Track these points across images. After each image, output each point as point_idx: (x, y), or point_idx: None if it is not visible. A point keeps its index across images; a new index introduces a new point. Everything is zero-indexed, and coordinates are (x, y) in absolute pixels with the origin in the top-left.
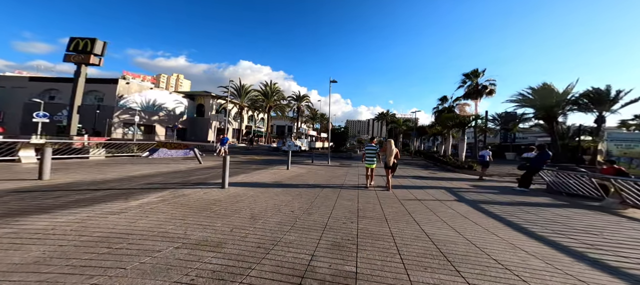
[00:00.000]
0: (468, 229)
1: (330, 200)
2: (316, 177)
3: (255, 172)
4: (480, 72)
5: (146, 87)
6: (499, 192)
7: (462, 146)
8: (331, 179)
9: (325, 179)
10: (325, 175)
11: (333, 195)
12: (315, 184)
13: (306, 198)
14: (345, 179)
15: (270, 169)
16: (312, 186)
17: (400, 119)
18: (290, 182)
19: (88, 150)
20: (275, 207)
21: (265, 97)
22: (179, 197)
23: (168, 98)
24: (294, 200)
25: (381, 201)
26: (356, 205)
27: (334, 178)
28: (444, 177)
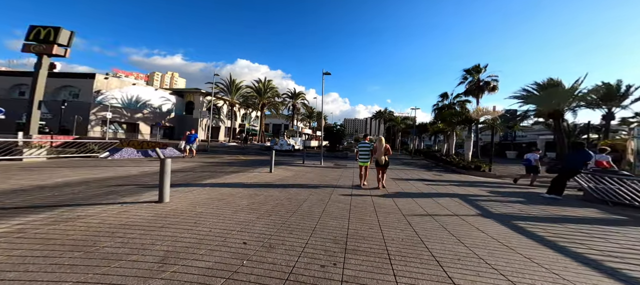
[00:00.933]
0: (522, 271)
1: (311, 219)
2: (302, 182)
3: (229, 175)
4: (482, 68)
5: (128, 82)
6: (526, 200)
7: (468, 145)
8: (320, 185)
9: (313, 184)
10: (315, 179)
11: (318, 209)
12: (297, 192)
13: (278, 215)
14: (337, 184)
15: (250, 171)
16: (293, 195)
17: (398, 117)
18: (266, 191)
19: (22, 151)
20: (222, 235)
21: (258, 94)
22: (60, 223)
23: (153, 95)
24: (259, 221)
25: (380, 219)
26: (346, 226)
27: (324, 183)
28: (452, 180)
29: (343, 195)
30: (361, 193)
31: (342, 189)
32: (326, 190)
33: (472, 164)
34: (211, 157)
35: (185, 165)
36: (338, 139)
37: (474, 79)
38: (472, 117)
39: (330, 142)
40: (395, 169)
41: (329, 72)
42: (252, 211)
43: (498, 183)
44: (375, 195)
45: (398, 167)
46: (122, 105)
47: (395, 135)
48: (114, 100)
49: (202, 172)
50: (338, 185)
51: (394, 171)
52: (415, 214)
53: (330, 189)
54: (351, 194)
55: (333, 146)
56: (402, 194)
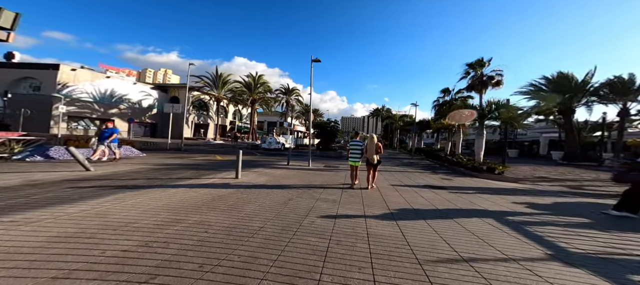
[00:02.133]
0: None
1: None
2: (273, 194)
3: (179, 181)
4: (486, 62)
5: (100, 75)
6: (595, 222)
7: (479, 143)
8: (299, 195)
9: (287, 196)
10: (294, 188)
11: (271, 253)
12: (255, 212)
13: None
14: (321, 196)
15: (210, 176)
16: (244, 220)
17: (396, 115)
18: (200, 214)
19: None
20: None
21: (247, 89)
22: None
23: (132, 89)
24: None
25: (379, 277)
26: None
27: (306, 192)
28: (467, 186)
29: (324, 217)
30: (351, 212)
31: (325, 204)
32: (302, 206)
33: (484, 165)
34: (174, 157)
35: (117, 170)
36: (332, 136)
37: (476, 73)
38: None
39: (324, 140)
40: (394, 171)
41: (318, 59)
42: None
43: (524, 189)
44: (370, 216)
45: (398, 169)
46: (93, 100)
47: (393, 133)
48: (84, 94)
49: (138, 180)
50: (322, 198)
51: (394, 174)
52: (440, 260)
53: (309, 204)
54: (336, 214)
55: (327, 144)
56: (407, 211)
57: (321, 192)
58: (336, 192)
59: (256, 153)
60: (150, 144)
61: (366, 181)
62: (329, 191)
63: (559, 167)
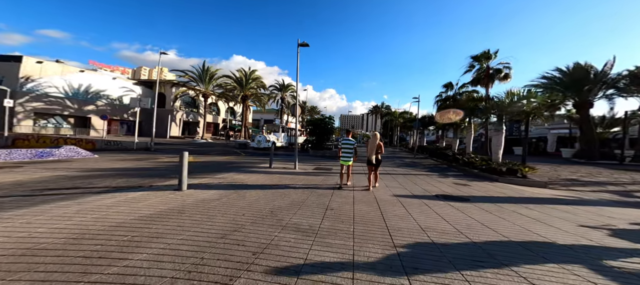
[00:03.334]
0: None
1: None
2: (216, 218)
3: (84, 197)
4: (493, 54)
5: (73, 69)
6: None
7: (499, 140)
8: (258, 220)
9: (235, 222)
10: (256, 205)
11: None
12: (158, 259)
13: None
14: (294, 218)
15: (149, 184)
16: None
17: (395, 111)
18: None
19: None
20: None
21: (238, 84)
22: None
23: (111, 84)
24: None
25: None
26: None
27: (272, 212)
28: (495, 197)
29: (277, 273)
30: (329, 258)
31: (293, 236)
32: (249, 243)
33: (504, 167)
34: (131, 159)
35: (33, 178)
36: (327, 134)
37: (482, 66)
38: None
39: (318, 137)
40: (396, 174)
41: (306, 43)
42: None
43: (566, 198)
44: (361, 267)
45: (400, 171)
46: (64, 95)
47: (392, 130)
48: (53, 89)
49: (53, 191)
50: (291, 224)
51: (396, 178)
52: None
53: (265, 239)
54: (303, 263)
55: (321, 143)
56: (426, 251)
57: (295, 211)
58: (317, 212)
59: (242, 153)
60: (113, 143)
61: (368, 181)
62: (307, 210)
63: (580, 167)
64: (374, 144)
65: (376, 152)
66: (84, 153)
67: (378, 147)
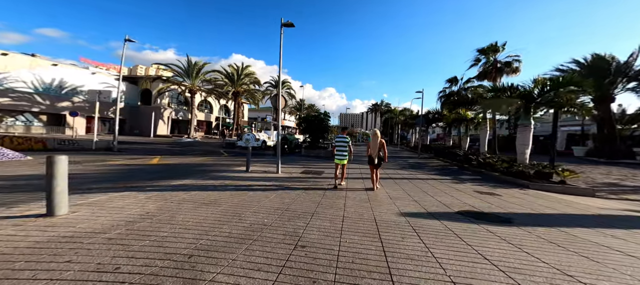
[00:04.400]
0: None
1: None
2: None
3: None
4: (500, 47)
5: (44, 62)
6: None
7: (525, 137)
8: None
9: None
10: (172, 247)
11: None
12: None
13: None
14: (247, 260)
15: (26, 204)
16: None
17: (396, 109)
18: None
19: None
20: None
21: (229, 80)
22: None
23: (89, 79)
24: None
25: None
26: None
27: (191, 267)
28: (547, 213)
29: None
30: None
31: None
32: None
33: (531, 169)
34: (72, 161)
35: None
36: (322, 131)
37: (488, 60)
38: (531, 91)
39: (312, 136)
40: (400, 178)
41: (290, 23)
42: None
43: (634, 213)
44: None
45: (404, 174)
46: (34, 91)
47: (393, 128)
48: (21, 83)
49: None
50: None
51: (401, 184)
52: None
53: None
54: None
55: (315, 141)
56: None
57: (240, 252)
58: (276, 254)
59: (225, 153)
60: (68, 142)
61: (371, 183)
62: (263, 249)
63: (606, 167)
64: (375, 143)
65: (378, 151)
66: (11, 154)
67: (381, 145)
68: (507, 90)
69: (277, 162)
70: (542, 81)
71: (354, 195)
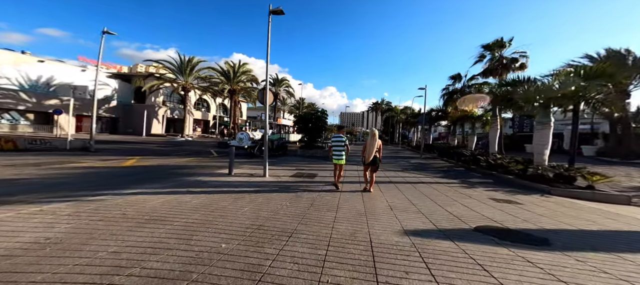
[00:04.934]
0: None
1: None
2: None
3: None
4: (506, 42)
5: (30, 59)
6: None
7: (544, 136)
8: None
9: None
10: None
11: None
12: None
13: None
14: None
15: None
16: None
17: (397, 107)
18: None
19: None
20: None
21: (225, 77)
22: None
23: (79, 77)
24: None
25: None
26: None
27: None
28: (588, 230)
29: None
30: None
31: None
32: None
33: (551, 172)
34: (30, 165)
35: None
36: (318, 130)
37: (494, 56)
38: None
39: (308, 135)
40: (403, 182)
41: (280, 10)
42: None
43: None
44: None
45: (407, 177)
46: (20, 88)
47: (394, 127)
48: (4, 80)
49: None
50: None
51: (403, 189)
52: None
53: None
54: None
55: (312, 141)
56: None
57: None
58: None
59: (215, 153)
60: (40, 142)
61: (366, 183)
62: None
63: (629, 169)
64: (373, 144)
65: (375, 152)
66: None
67: (378, 146)
68: (523, 84)
69: (264, 164)
70: (567, 72)
71: (348, 204)
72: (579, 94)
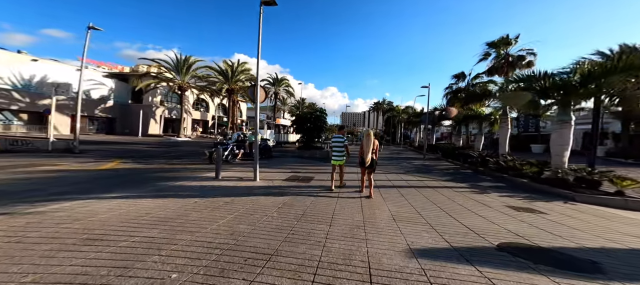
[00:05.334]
0: None
1: None
2: None
3: None
4: (512, 40)
5: (23, 58)
6: None
7: (565, 136)
8: None
9: None
10: None
11: None
12: None
13: None
14: None
15: None
16: None
17: (398, 107)
18: None
19: None
20: None
21: (223, 77)
22: None
23: (74, 76)
24: None
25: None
26: None
27: None
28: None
29: None
30: None
31: None
32: None
33: (571, 175)
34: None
35: None
36: (317, 130)
37: (499, 54)
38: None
39: (307, 135)
40: (407, 187)
41: (272, 0)
42: None
43: None
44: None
45: (411, 180)
46: (12, 87)
47: (395, 127)
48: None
49: None
50: None
51: (407, 194)
52: None
53: None
54: None
55: (310, 141)
56: None
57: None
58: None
59: (208, 153)
60: (20, 143)
61: (361, 184)
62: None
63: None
64: (368, 145)
65: (371, 153)
66: None
67: (375, 147)
68: (540, 79)
69: (254, 167)
70: (592, 64)
71: (344, 214)
72: (602, 89)
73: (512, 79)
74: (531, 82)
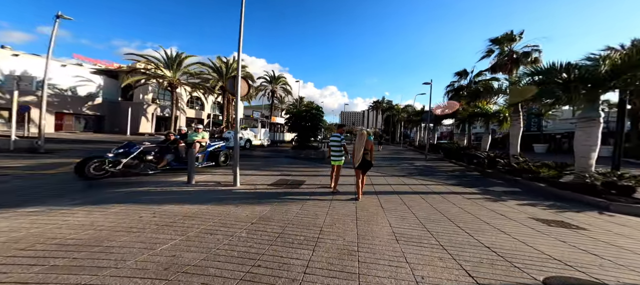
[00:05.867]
0: None
1: None
2: None
3: None
4: (517, 36)
5: (5, 53)
6: None
7: (592, 135)
8: None
9: None
10: None
11: None
12: None
13: None
14: None
15: None
16: None
17: (398, 106)
18: None
19: None
20: None
21: (217, 74)
22: None
23: (59, 72)
24: None
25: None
26: None
27: None
28: None
29: None
30: None
31: None
32: None
33: (597, 179)
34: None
35: None
36: (312, 129)
37: (503, 51)
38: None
39: (302, 134)
40: (409, 193)
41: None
42: None
43: None
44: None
45: (413, 185)
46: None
47: (395, 126)
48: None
49: None
50: None
51: (410, 202)
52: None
53: None
54: None
55: (305, 140)
56: None
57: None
58: None
59: None
60: None
61: (356, 188)
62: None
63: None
64: (361, 145)
65: (364, 154)
66: None
67: (369, 147)
68: (562, 71)
69: (234, 170)
70: (624, 53)
71: (334, 232)
72: (635, 82)
73: (528, 72)
74: (551, 75)
